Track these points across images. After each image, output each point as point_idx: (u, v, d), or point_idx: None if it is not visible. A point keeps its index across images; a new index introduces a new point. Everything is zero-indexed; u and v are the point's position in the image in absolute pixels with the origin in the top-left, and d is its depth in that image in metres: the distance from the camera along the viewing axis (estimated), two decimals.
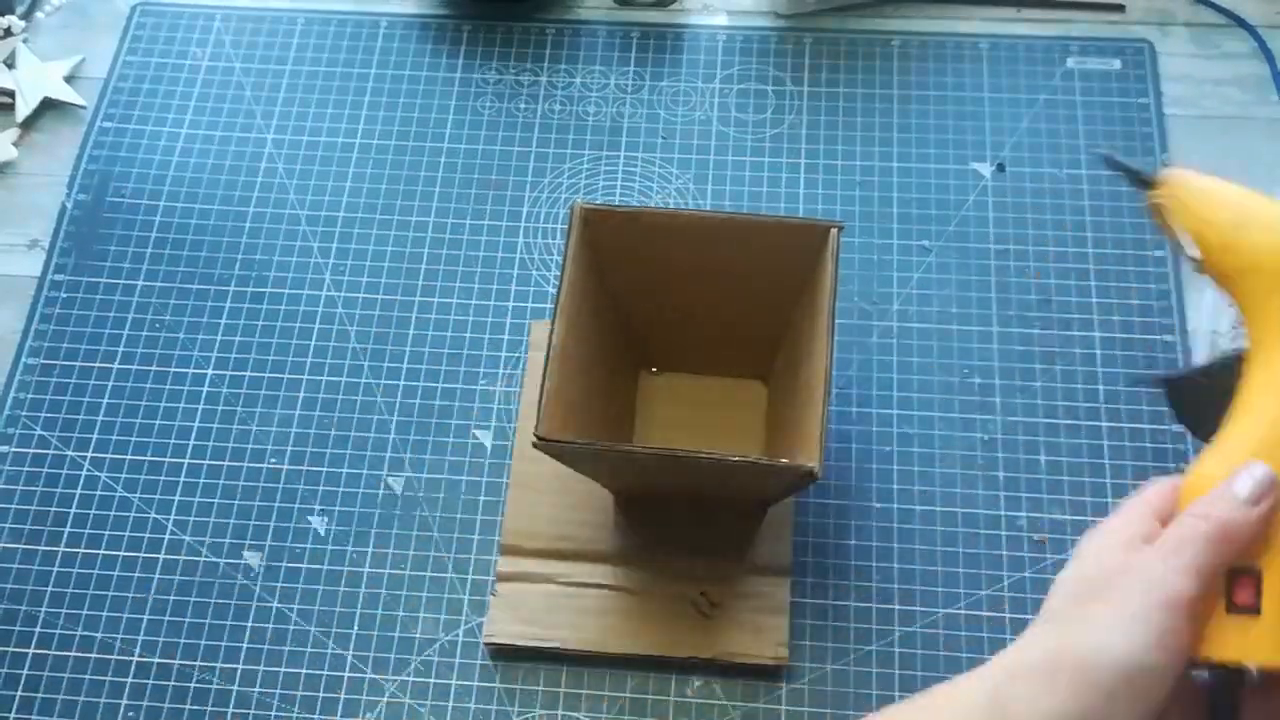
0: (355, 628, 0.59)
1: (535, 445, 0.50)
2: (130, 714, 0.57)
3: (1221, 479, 0.38)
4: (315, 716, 0.57)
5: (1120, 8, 0.74)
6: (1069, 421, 0.62)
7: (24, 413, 0.65)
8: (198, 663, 0.58)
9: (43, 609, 0.60)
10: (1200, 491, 0.38)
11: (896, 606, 0.58)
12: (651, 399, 0.62)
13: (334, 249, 0.69)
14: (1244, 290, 0.40)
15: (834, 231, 0.52)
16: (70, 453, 0.64)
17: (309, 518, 0.61)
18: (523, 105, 0.73)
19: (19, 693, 0.58)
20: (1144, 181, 0.42)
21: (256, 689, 0.58)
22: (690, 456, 0.50)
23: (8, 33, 0.77)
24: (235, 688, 0.58)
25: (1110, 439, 0.61)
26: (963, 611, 0.58)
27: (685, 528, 0.58)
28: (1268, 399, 0.38)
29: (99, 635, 0.59)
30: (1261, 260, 0.39)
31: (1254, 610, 0.37)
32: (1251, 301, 0.40)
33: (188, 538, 0.61)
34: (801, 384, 0.53)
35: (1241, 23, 0.72)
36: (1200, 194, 0.41)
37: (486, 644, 0.58)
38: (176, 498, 0.62)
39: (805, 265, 0.53)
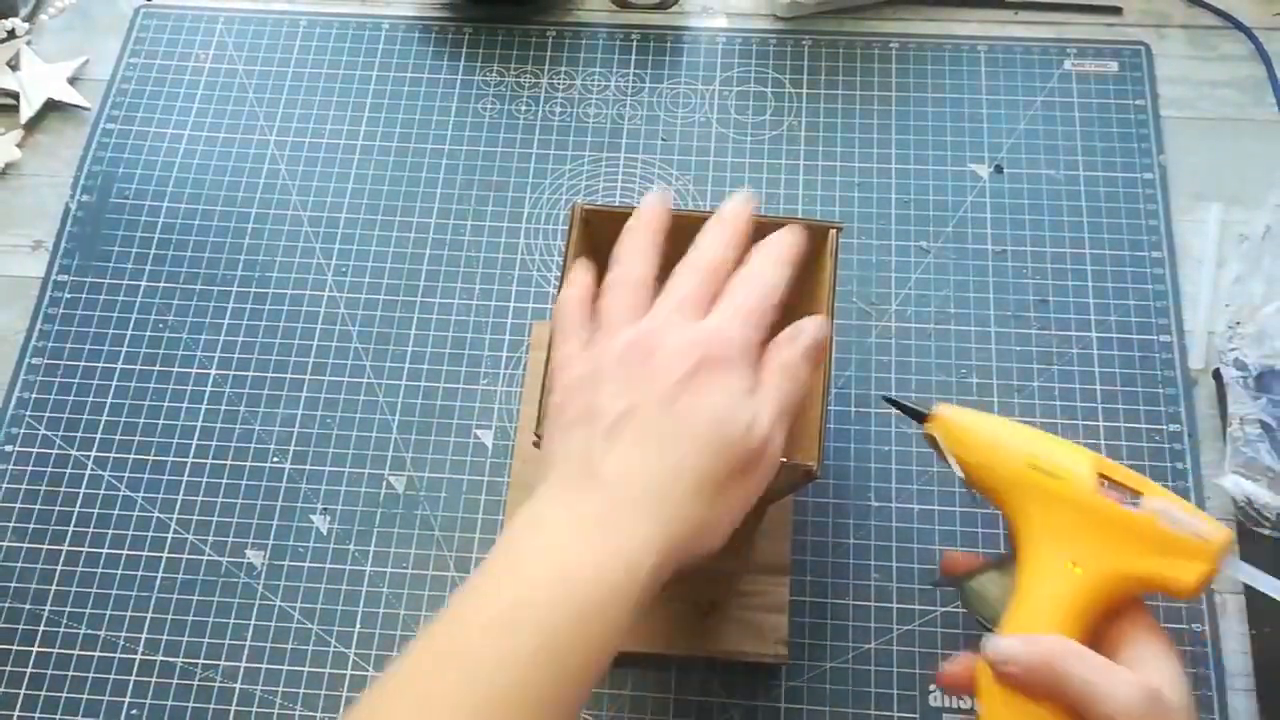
0: (357, 626, 0.59)
1: (535, 445, 0.50)
2: (134, 712, 0.58)
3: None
4: (318, 714, 0.57)
5: (1117, 10, 0.74)
6: (1068, 421, 0.62)
7: (28, 412, 0.65)
8: (200, 661, 0.59)
9: (46, 608, 0.60)
10: (989, 674, 0.44)
11: (895, 605, 0.58)
12: None
13: (336, 250, 0.69)
14: (1004, 500, 0.49)
15: (833, 232, 0.52)
16: (74, 452, 0.64)
17: (311, 517, 0.62)
18: (523, 107, 0.73)
19: (23, 691, 0.58)
20: (917, 416, 0.51)
21: (259, 687, 0.58)
22: None
23: (11, 35, 0.77)
24: (238, 686, 0.58)
25: (1108, 439, 0.61)
26: (963, 611, 0.58)
27: None
28: (1034, 590, 0.46)
29: (102, 634, 0.59)
30: (1010, 476, 0.48)
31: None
32: (1011, 509, 0.48)
33: (190, 536, 0.62)
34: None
35: (1238, 25, 0.73)
36: (959, 427, 0.49)
37: None
38: (179, 497, 0.63)
39: (804, 265, 0.54)
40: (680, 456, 0.39)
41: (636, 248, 0.46)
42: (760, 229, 0.54)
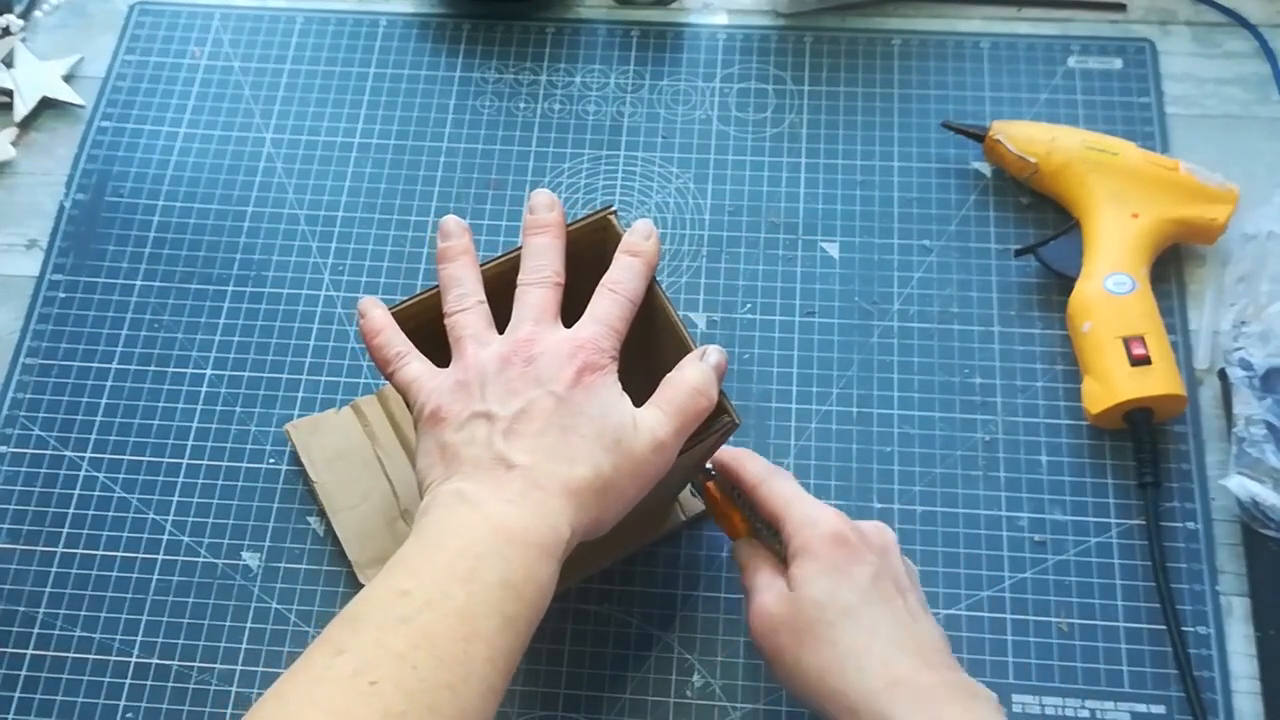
0: None
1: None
2: (129, 715, 0.57)
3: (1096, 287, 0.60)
4: None
5: (1121, 7, 0.73)
6: (1069, 422, 0.62)
7: (22, 413, 0.65)
8: (196, 663, 0.58)
9: (41, 609, 0.60)
10: (1083, 299, 0.61)
11: None
12: None
13: (333, 248, 0.69)
14: (1064, 179, 0.64)
15: (610, 218, 0.51)
16: (69, 453, 0.64)
17: (308, 518, 0.61)
18: (522, 104, 0.73)
19: (17, 694, 0.58)
20: (979, 134, 0.67)
21: (255, 689, 0.57)
22: None
23: (6, 32, 0.77)
24: (234, 688, 0.57)
25: (1111, 439, 0.61)
26: (963, 612, 0.58)
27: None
28: (1104, 240, 0.62)
29: (97, 636, 0.59)
30: (1072, 157, 0.64)
31: (1147, 361, 0.58)
32: (1072, 187, 0.64)
33: (186, 538, 0.61)
34: (667, 355, 0.50)
35: (1243, 22, 0.72)
36: (1017, 128, 0.66)
37: None
38: (175, 498, 0.62)
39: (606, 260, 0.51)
40: (577, 447, 0.43)
41: (460, 273, 0.49)
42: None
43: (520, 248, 0.50)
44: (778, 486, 0.51)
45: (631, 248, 0.49)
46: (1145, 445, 0.59)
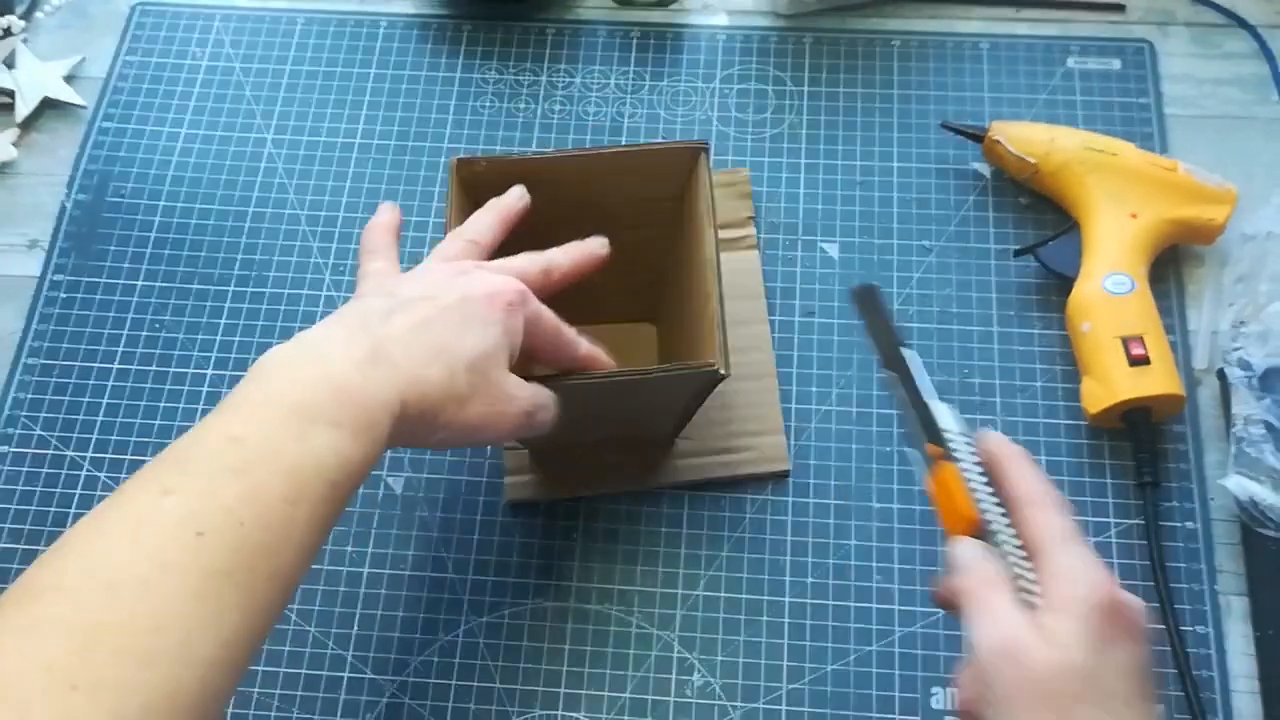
0: (355, 628, 0.59)
1: None
2: None
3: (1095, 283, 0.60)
4: (315, 717, 0.57)
5: (1120, 8, 0.74)
6: (1068, 421, 0.62)
7: (23, 413, 0.65)
8: None
9: None
10: (1082, 299, 0.61)
11: (896, 607, 0.58)
12: None
13: (334, 249, 0.69)
14: (1063, 180, 0.64)
15: (703, 153, 0.52)
16: (70, 453, 0.64)
17: None
18: (523, 105, 0.73)
19: None
20: (978, 135, 0.67)
21: (256, 689, 0.57)
22: (599, 381, 0.50)
23: (7, 32, 0.77)
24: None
25: (1110, 438, 0.61)
26: None
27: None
28: (1103, 240, 0.62)
29: None
30: (1070, 157, 0.64)
31: (1146, 361, 0.58)
32: (1071, 187, 0.64)
33: None
34: (694, 308, 0.53)
35: (1242, 23, 0.72)
36: (1016, 129, 0.66)
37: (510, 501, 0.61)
38: None
39: (680, 190, 0.54)
40: (435, 340, 0.45)
41: (485, 219, 0.53)
42: (629, 157, 0.56)
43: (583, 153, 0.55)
44: (1056, 520, 0.43)
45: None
46: (1144, 445, 0.59)
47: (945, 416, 0.46)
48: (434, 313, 0.46)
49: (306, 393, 0.41)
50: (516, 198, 0.54)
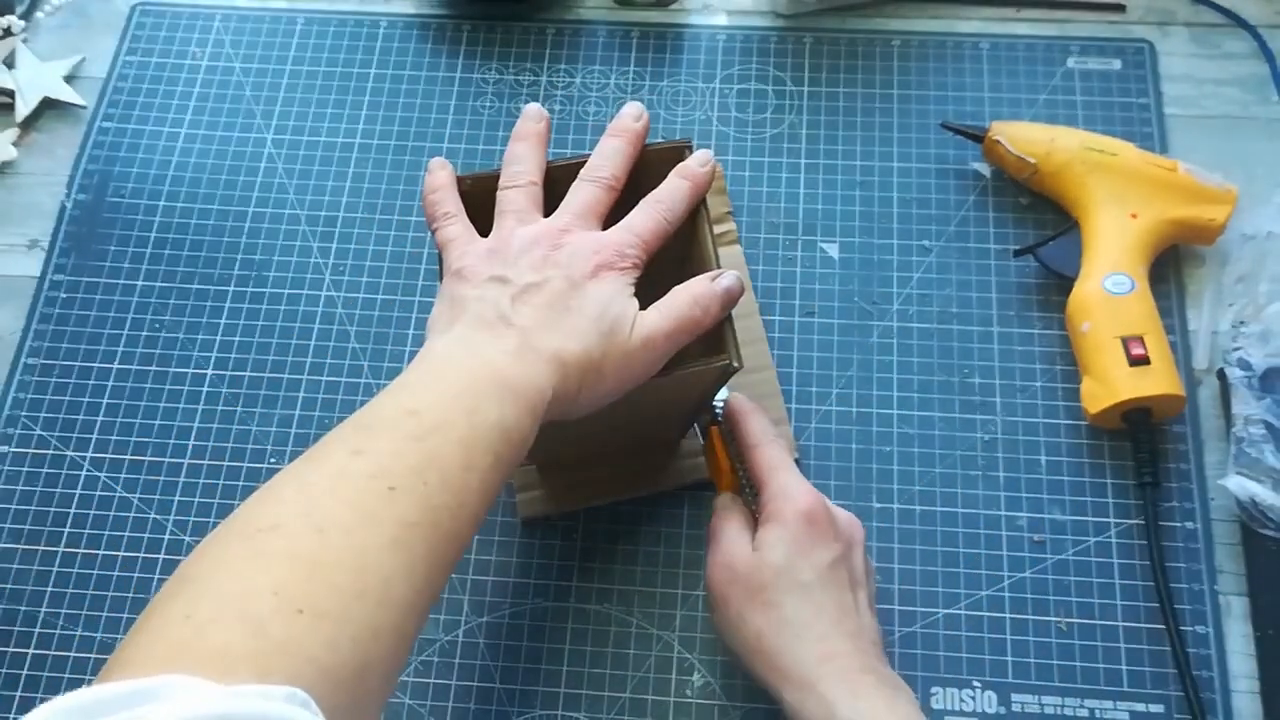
0: None
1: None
2: None
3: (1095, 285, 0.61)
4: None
5: (1120, 8, 0.74)
6: (1068, 421, 0.62)
7: (23, 413, 0.65)
8: None
9: (42, 609, 0.60)
10: (1082, 300, 0.61)
11: (896, 607, 0.58)
12: None
13: (334, 249, 0.69)
14: (1063, 180, 0.64)
15: (686, 150, 0.53)
16: (70, 453, 0.64)
17: None
18: (523, 105, 0.73)
19: (19, 693, 0.58)
20: (978, 135, 0.67)
21: None
22: None
23: (7, 32, 0.77)
24: None
25: (1110, 439, 0.61)
26: (963, 612, 0.58)
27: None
28: (1103, 240, 0.62)
29: (99, 635, 0.59)
30: (1071, 157, 0.64)
31: (1146, 361, 0.58)
32: (1072, 187, 0.64)
33: (187, 538, 0.61)
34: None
35: (1242, 23, 0.72)
36: (1016, 129, 0.66)
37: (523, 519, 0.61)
38: (176, 498, 0.62)
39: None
40: (575, 324, 0.46)
41: (524, 152, 0.52)
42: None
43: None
44: (771, 452, 0.53)
45: (684, 171, 0.52)
46: (1144, 445, 0.59)
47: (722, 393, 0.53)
48: (553, 297, 0.47)
49: (471, 378, 0.44)
50: (536, 119, 0.53)
